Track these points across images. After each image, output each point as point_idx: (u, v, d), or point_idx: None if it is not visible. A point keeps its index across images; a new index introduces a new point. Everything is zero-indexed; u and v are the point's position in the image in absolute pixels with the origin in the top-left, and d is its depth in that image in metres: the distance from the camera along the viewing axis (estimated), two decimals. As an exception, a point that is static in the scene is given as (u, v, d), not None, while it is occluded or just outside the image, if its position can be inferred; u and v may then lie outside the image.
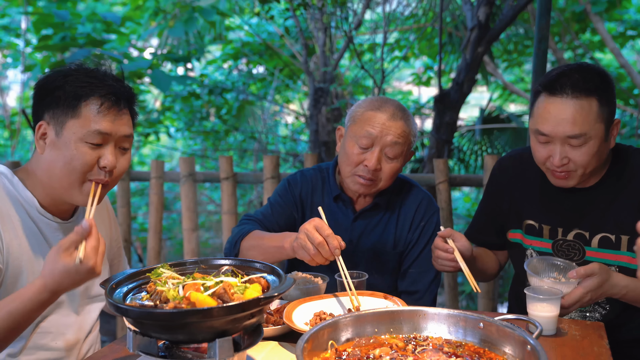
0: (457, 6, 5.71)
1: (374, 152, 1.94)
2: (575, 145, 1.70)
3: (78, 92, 1.54)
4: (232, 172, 3.76)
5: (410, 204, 2.12)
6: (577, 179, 1.76)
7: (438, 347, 1.31)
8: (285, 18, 5.89)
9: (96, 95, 1.54)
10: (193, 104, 7.27)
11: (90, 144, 1.53)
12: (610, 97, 1.73)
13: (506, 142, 5.83)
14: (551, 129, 1.71)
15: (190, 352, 1.26)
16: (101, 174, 1.56)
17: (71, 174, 1.54)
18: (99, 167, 1.55)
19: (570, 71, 1.72)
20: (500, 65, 7.45)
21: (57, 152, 1.54)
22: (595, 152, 1.71)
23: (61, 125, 1.53)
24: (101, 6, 7.49)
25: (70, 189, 1.56)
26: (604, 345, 1.52)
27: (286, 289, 1.25)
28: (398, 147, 1.95)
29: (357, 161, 1.96)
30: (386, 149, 1.95)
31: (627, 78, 6.69)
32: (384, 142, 1.94)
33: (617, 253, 1.80)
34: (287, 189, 2.16)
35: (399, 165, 2.00)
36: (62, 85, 1.55)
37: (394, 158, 1.97)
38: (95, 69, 1.61)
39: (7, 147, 9.30)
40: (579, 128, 1.67)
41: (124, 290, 1.31)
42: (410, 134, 1.99)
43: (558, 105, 1.70)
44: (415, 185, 2.18)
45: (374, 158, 1.94)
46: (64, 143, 1.53)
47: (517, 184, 1.99)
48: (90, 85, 1.55)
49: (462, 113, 5.91)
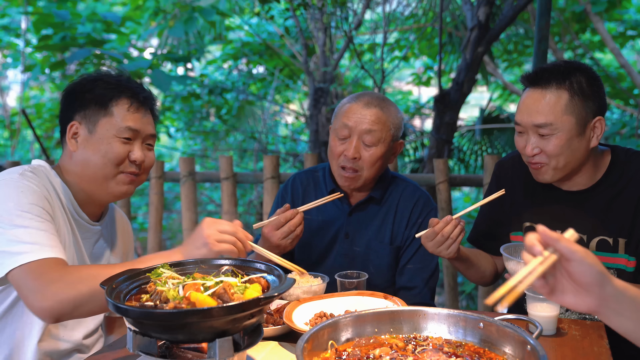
0: (457, 6, 5.72)
1: (352, 141, 2.01)
2: (544, 134, 1.75)
3: (108, 94, 1.70)
4: (232, 172, 3.76)
5: (407, 200, 2.14)
6: (552, 172, 1.79)
7: (438, 347, 1.31)
8: (285, 18, 5.89)
9: (125, 96, 1.71)
10: (193, 104, 7.28)
11: (122, 138, 1.69)
12: (588, 95, 1.74)
13: (506, 142, 5.83)
14: (522, 118, 1.79)
15: (190, 352, 1.26)
16: (132, 166, 1.72)
17: (106, 166, 1.68)
18: (130, 160, 1.71)
19: (552, 66, 1.79)
20: (500, 65, 7.46)
21: (92, 148, 1.68)
22: (565, 144, 1.74)
23: (94, 124, 1.69)
24: (101, 6, 7.49)
25: (106, 180, 1.70)
26: (604, 345, 1.52)
27: (286, 289, 1.25)
28: (374, 133, 2.00)
29: (338, 152, 2.03)
30: (363, 137, 2.00)
31: (627, 78, 6.70)
32: (359, 130, 2.00)
33: (615, 256, 1.80)
34: (282, 196, 2.25)
35: (380, 152, 2.02)
36: (92, 88, 1.71)
37: (371, 145, 2.01)
38: (120, 75, 1.79)
39: (7, 147, 9.30)
40: (544, 117, 1.73)
41: (124, 291, 1.30)
42: (388, 121, 2.03)
43: (530, 95, 1.78)
44: (413, 184, 2.20)
45: (352, 147, 2.00)
46: (98, 139, 1.68)
47: (516, 185, 1.99)
48: (119, 87, 1.72)
49: (462, 113, 5.92)
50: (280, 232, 1.89)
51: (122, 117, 1.69)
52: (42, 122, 8.15)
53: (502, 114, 6.37)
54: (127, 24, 6.77)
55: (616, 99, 6.66)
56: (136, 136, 1.72)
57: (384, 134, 2.01)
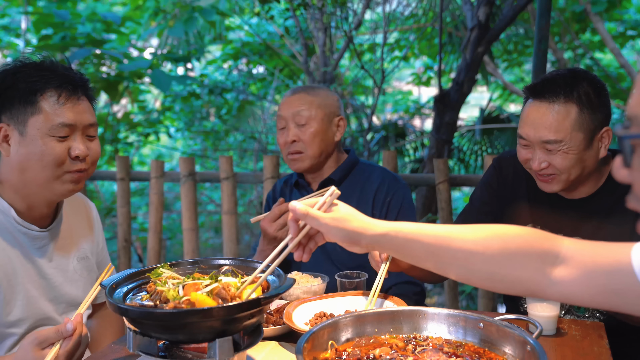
0: (457, 6, 5.71)
1: (288, 128, 2.17)
2: (552, 150, 1.70)
3: (32, 87, 1.50)
4: (232, 172, 3.76)
5: (370, 183, 2.19)
6: (562, 183, 1.75)
7: (438, 347, 1.31)
8: (285, 18, 5.89)
9: (51, 87, 1.51)
10: (193, 104, 7.27)
11: (57, 137, 1.50)
12: (596, 106, 1.70)
13: (506, 142, 5.83)
14: (528, 133, 1.72)
15: (190, 352, 1.26)
16: (76, 163, 1.54)
17: (45, 169, 1.50)
18: (71, 158, 1.53)
19: (557, 76, 1.73)
20: (500, 65, 7.45)
21: (26, 151, 1.50)
22: (574, 159, 1.69)
23: (23, 124, 1.49)
24: (101, 6, 7.49)
25: (48, 183, 1.53)
26: (604, 345, 1.52)
27: (286, 289, 1.25)
28: (303, 113, 2.14)
29: (282, 143, 2.19)
30: (295, 120, 2.15)
31: (627, 78, 6.70)
32: (290, 115, 2.16)
33: None
34: (267, 201, 2.40)
35: (314, 128, 2.14)
36: (13, 83, 1.50)
37: (304, 124, 2.14)
38: (42, 62, 1.57)
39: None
40: (554, 134, 1.67)
41: (124, 290, 1.30)
42: (315, 101, 2.17)
43: (536, 109, 1.71)
44: (380, 167, 2.25)
45: (290, 132, 2.16)
46: (31, 140, 1.49)
47: (516, 186, 1.96)
48: (43, 78, 1.51)
49: (462, 113, 5.92)
50: (276, 224, 2.00)
51: (52, 112, 1.49)
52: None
53: (502, 114, 6.37)
54: (127, 24, 6.77)
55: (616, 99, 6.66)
56: (73, 130, 1.53)
57: (312, 112, 2.14)
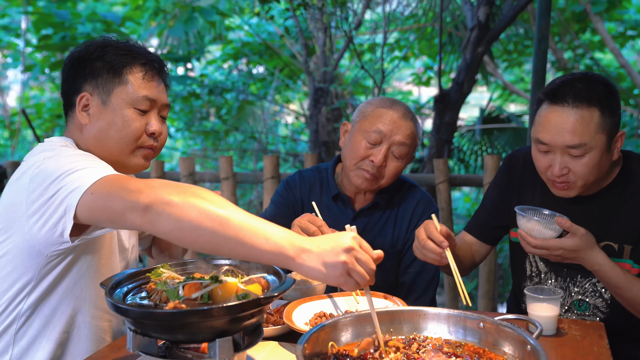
0: (457, 6, 5.72)
1: (381, 149, 1.96)
2: (575, 155, 1.68)
3: (121, 60, 1.57)
4: (232, 172, 3.76)
5: (408, 203, 2.13)
6: (578, 190, 1.74)
7: (438, 347, 1.31)
8: (285, 18, 5.89)
9: (138, 64, 1.58)
10: (193, 104, 7.28)
11: (138, 110, 1.57)
12: (614, 109, 1.69)
13: (506, 142, 5.83)
14: (551, 138, 1.69)
15: (190, 352, 1.26)
16: (149, 140, 1.61)
17: (123, 140, 1.56)
18: (147, 134, 1.60)
19: (574, 80, 1.70)
20: (500, 65, 7.46)
21: (107, 120, 1.55)
22: (595, 163, 1.68)
23: (108, 94, 1.55)
24: (101, 6, 7.49)
25: (122, 155, 1.58)
26: (604, 345, 1.52)
27: (286, 289, 1.25)
28: (405, 147, 1.98)
29: (363, 155, 1.98)
30: (393, 148, 1.97)
31: (627, 78, 6.70)
32: (392, 140, 1.97)
33: (619, 261, 1.79)
34: (287, 190, 2.18)
35: (403, 165, 2.02)
36: (101, 55, 1.57)
37: (399, 157, 1.99)
38: (127, 41, 1.64)
39: (7, 147, 9.31)
40: (579, 138, 1.66)
41: (124, 290, 1.30)
42: (417, 137, 2.03)
43: (558, 114, 1.68)
44: (415, 185, 2.19)
45: (381, 154, 1.96)
46: (113, 110, 1.55)
47: (525, 184, 1.97)
48: (132, 54, 1.59)
49: (462, 113, 5.92)
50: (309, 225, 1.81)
51: (137, 85, 1.57)
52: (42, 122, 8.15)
53: (502, 114, 6.37)
54: (127, 24, 6.77)
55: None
56: (153, 106, 1.60)
57: (411, 149, 2.02)
